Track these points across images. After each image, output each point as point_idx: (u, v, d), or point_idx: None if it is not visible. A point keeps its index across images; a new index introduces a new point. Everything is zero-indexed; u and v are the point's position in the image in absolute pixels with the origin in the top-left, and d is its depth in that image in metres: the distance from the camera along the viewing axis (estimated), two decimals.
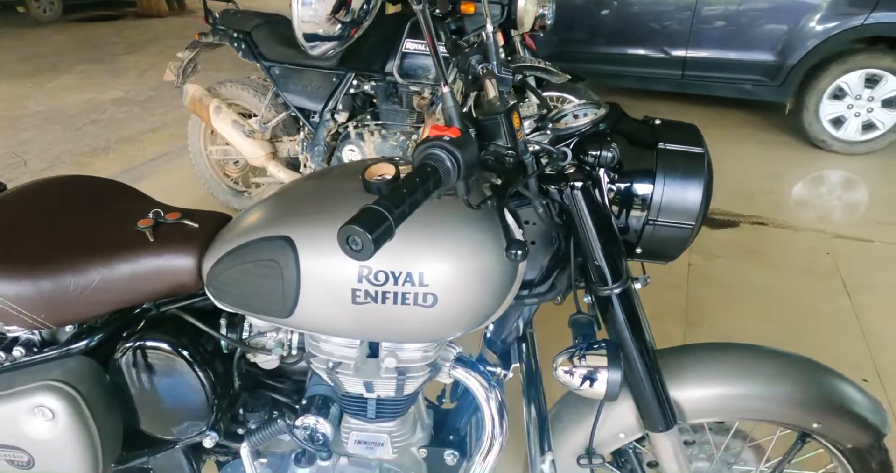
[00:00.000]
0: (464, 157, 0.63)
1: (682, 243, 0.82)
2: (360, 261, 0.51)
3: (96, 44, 7.41)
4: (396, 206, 0.55)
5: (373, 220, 0.53)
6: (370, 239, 0.51)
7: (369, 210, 0.54)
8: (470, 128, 0.71)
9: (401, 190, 0.57)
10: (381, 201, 0.55)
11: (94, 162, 3.89)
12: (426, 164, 0.62)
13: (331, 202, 0.83)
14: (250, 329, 1.00)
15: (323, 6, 0.59)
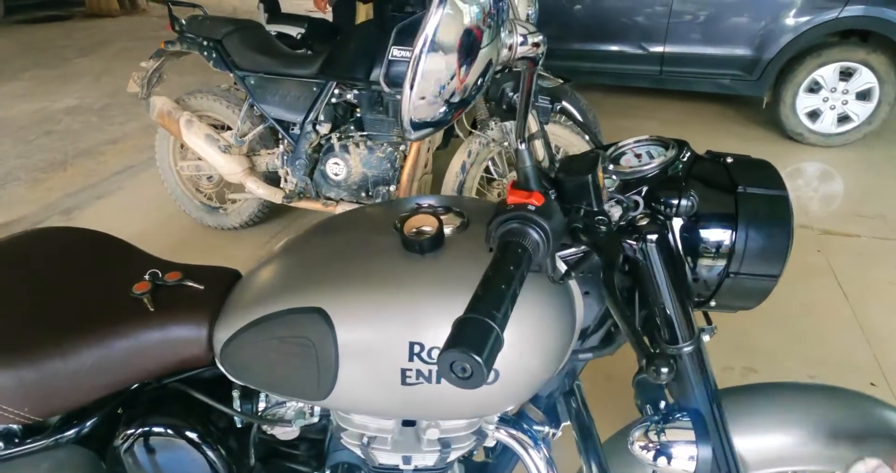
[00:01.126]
0: (552, 228, 0.53)
1: (764, 293, 0.74)
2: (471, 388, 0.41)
3: (44, 47, 7.00)
4: (497, 307, 0.44)
5: (479, 335, 0.42)
6: (480, 363, 0.41)
7: (469, 322, 0.43)
8: (550, 189, 0.60)
9: (497, 286, 0.46)
10: (479, 307, 0.44)
11: (52, 178, 3.64)
12: (511, 242, 0.51)
13: (366, 262, 0.72)
14: (267, 399, 0.88)
15: (424, 88, 0.46)
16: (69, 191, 3.42)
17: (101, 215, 3.15)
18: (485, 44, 0.48)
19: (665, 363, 0.51)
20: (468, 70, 0.48)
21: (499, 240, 0.53)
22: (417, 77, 0.44)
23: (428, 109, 0.47)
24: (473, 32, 0.47)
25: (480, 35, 0.48)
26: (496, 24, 0.49)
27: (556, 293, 0.75)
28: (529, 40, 0.56)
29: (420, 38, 0.44)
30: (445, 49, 0.45)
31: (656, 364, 0.51)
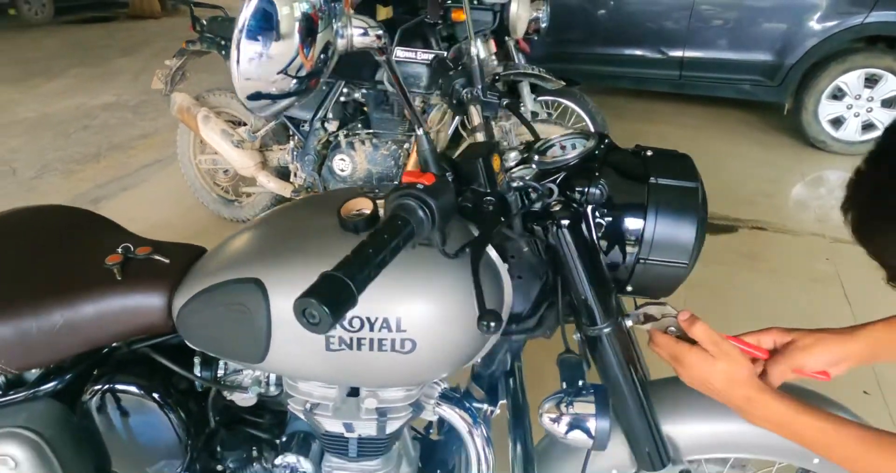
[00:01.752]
0: (438, 205, 0.59)
1: (677, 280, 0.78)
2: (320, 333, 0.47)
3: (88, 47, 7.34)
4: (360, 270, 0.51)
5: (332, 290, 0.48)
6: (328, 313, 0.47)
7: (328, 278, 0.49)
8: (447, 172, 0.66)
9: (366, 250, 0.52)
10: (342, 266, 0.50)
11: (85, 170, 3.84)
12: (397, 216, 0.57)
13: (304, 242, 0.79)
14: (226, 367, 0.96)
15: (265, 68, 0.54)
16: (99, 182, 3.61)
17: (126, 205, 3.32)
18: (321, 29, 0.55)
19: (493, 318, 0.56)
20: (310, 50, 0.55)
21: (389, 214, 0.59)
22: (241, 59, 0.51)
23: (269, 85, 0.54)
24: (311, 19, 0.54)
25: (316, 22, 0.54)
26: (327, 16, 0.56)
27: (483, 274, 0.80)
28: (371, 33, 0.62)
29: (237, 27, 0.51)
30: (284, 35, 0.52)
31: (486, 320, 0.56)
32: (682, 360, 0.77)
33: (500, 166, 0.69)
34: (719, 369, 0.75)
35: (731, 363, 0.75)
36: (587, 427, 0.78)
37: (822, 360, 0.83)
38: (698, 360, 0.76)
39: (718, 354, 0.75)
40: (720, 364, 0.75)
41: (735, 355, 0.76)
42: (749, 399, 0.75)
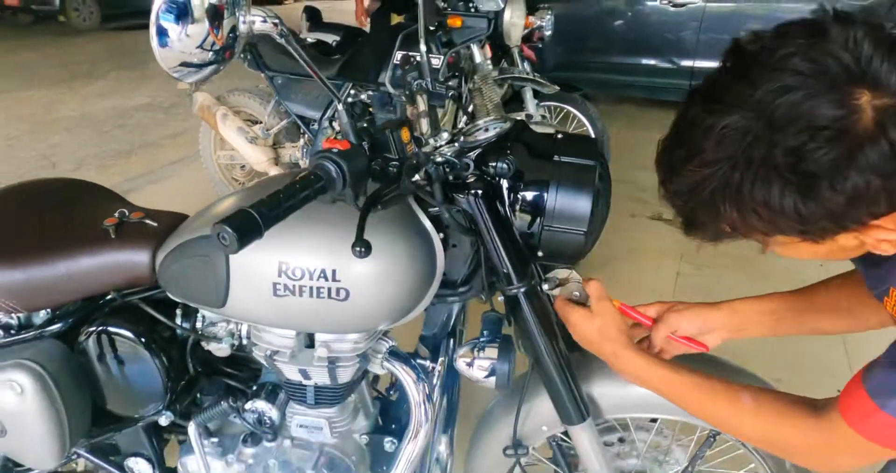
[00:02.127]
0: (350, 167, 0.72)
1: (578, 246, 0.89)
2: (229, 254, 0.60)
3: (129, 52, 7.74)
4: (270, 210, 0.64)
5: (243, 221, 0.62)
6: (236, 237, 0.60)
7: (243, 212, 0.63)
8: (364, 141, 0.79)
9: (277, 196, 0.66)
10: (256, 205, 0.64)
11: (117, 164, 4.10)
12: (312, 173, 0.71)
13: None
14: (203, 320, 1.10)
15: (187, 44, 0.70)
16: (129, 176, 3.85)
17: (153, 197, 3.54)
18: (227, 16, 0.71)
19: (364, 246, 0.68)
20: (219, 31, 0.70)
21: (307, 170, 0.72)
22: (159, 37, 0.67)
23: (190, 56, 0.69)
24: (217, 8, 0.69)
25: (222, 10, 0.69)
26: (231, 6, 0.71)
27: (414, 239, 0.93)
28: (269, 21, 0.77)
29: (153, 12, 0.67)
30: (197, 19, 0.68)
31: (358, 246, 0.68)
32: (569, 320, 0.89)
33: (410, 138, 0.82)
34: (595, 325, 0.87)
35: (604, 320, 0.87)
36: (492, 368, 0.90)
37: (694, 325, 0.94)
38: (580, 318, 0.88)
39: (597, 311, 0.87)
40: (596, 321, 0.87)
41: (610, 314, 0.88)
42: (615, 354, 0.87)
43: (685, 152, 0.62)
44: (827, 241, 0.62)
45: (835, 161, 0.54)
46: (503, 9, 2.26)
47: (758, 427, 0.77)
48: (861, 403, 0.66)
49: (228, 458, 1.14)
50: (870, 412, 0.65)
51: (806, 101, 0.54)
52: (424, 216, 0.96)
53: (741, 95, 0.58)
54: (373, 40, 2.55)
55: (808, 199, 0.56)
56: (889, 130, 0.53)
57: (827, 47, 0.55)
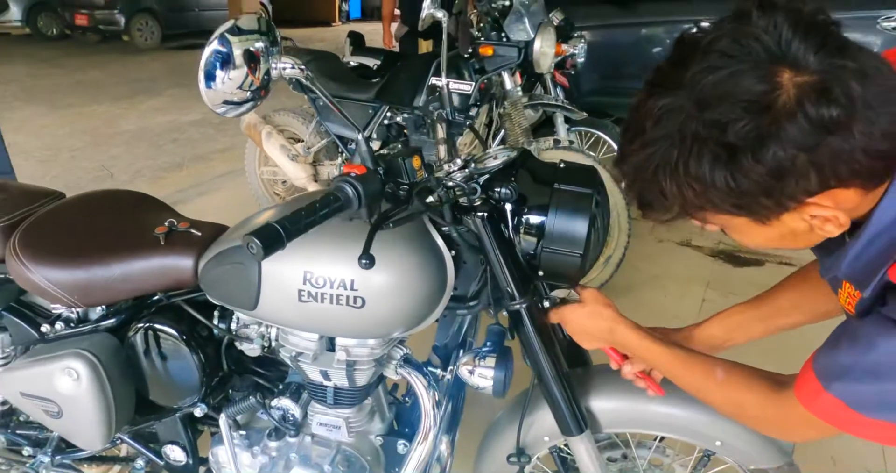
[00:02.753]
0: (366, 189, 0.82)
1: (574, 267, 0.96)
2: (257, 261, 0.70)
3: (186, 70, 8.18)
4: (293, 225, 0.75)
5: (269, 234, 0.72)
6: (261, 247, 0.71)
7: (269, 226, 0.73)
8: (379, 166, 0.89)
9: (300, 213, 0.77)
10: (280, 220, 0.75)
11: (169, 176, 4.35)
12: (331, 193, 0.81)
13: None
14: (238, 322, 1.22)
15: (229, 85, 0.82)
16: (180, 188, 4.09)
17: (201, 208, 3.75)
18: (262, 63, 0.82)
19: (368, 259, 0.77)
20: (256, 74, 0.82)
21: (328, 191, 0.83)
22: (207, 81, 0.79)
23: (231, 95, 0.81)
24: (255, 55, 0.81)
25: (259, 58, 0.81)
26: (266, 54, 0.83)
27: (427, 255, 1.02)
28: (296, 67, 0.89)
29: (202, 60, 0.79)
30: (238, 65, 0.80)
31: (364, 259, 0.77)
32: (564, 318, 0.98)
33: (421, 165, 0.91)
34: (585, 310, 0.97)
35: (594, 304, 0.97)
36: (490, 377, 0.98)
37: None
38: (572, 311, 0.97)
39: (585, 299, 0.97)
40: (586, 307, 0.97)
41: (598, 299, 0.98)
42: (611, 329, 0.97)
43: (631, 134, 0.67)
44: (773, 222, 0.65)
45: (757, 134, 0.57)
46: (533, 39, 2.36)
47: (725, 397, 0.86)
48: (810, 383, 0.72)
49: (254, 450, 1.24)
50: (817, 392, 0.71)
51: (730, 78, 0.58)
52: (437, 235, 1.05)
53: (676, 78, 0.62)
54: (409, 66, 2.68)
55: (735, 171, 0.59)
56: (807, 106, 0.56)
57: (750, 30, 0.59)
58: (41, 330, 1.24)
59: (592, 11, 4.44)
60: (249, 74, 0.83)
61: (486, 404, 1.23)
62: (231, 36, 0.82)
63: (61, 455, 1.35)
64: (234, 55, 0.81)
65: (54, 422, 1.20)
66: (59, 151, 4.81)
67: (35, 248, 1.15)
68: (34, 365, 1.16)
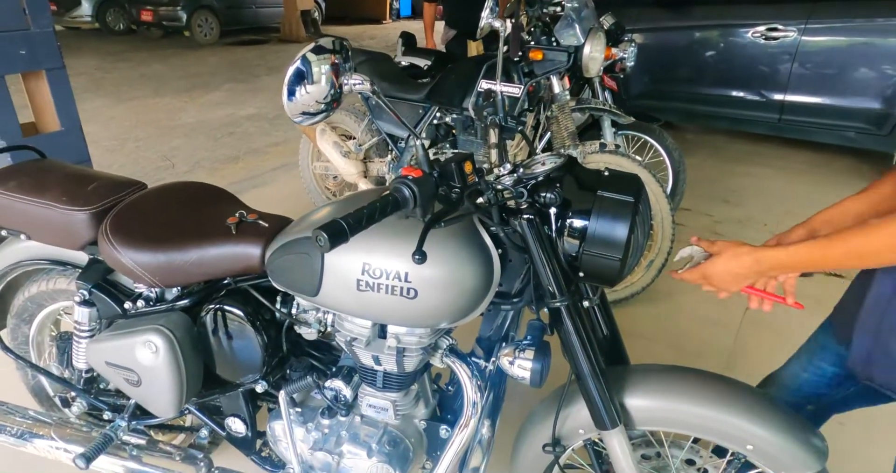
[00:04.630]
0: (421, 191, 0.91)
1: (614, 270, 1.02)
2: (323, 253, 0.79)
3: (243, 66, 8.48)
4: (356, 221, 0.83)
5: (335, 229, 0.81)
6: (328, 240, 0.80)
7: (335, 222, 0.82)
8: (434, 170, 0.97)
9: (362, 211, 0.85)
10: (345, 217, 0.84)
11: (226, 168, 4.56)
12: (390, 194, 0.90)
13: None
14: (298, 307, 1.32)
15: (306, 99, 0.92)
16: (235, 180, 4.28)
17: (255, 199, 3.93)
18: (336, 79, 0.92)
19: (421, 255, 0.84)
20: (331, 89, 0.91)
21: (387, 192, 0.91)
22: (289, 94, 0.88)
23: (309, 107, 0.90)
24: (330, 73, 0.90)
25: (335, 75, 0.90)
26: (340, 72, 0.93)
27: (476, 253, 1.10)
28: (365, 83, 0.97)
29: (287, 76, 0.88)
30: (316, 81, 0.90)
31: (417, 254, 0.85)
32: (705, 274, 1.04)
33: (472, 170, 0.99)
34: (726, 256, 1.01)
35: (729, 248, 1.01)
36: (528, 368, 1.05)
37: None
38: (710, 265, 1.02)
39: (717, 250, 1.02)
40: (725, 253, 1.01)
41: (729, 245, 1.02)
42: (757, 260, 0.99)
43: None
44: None
45: None
46: (583, 44, 2.40)
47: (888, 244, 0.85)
48: None
49: (308, 426, 1.35)
50: None
51: None
52: (486, 234, 1.13)
53: None
54: (460, 67, 2.76)
55: None
56: None
57: None
58: (124, 307, 1.38)
59: (644, 14, 4.42)
60: (325, 88, 0.93)
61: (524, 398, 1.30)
62: (311, 55, 0.92)
63: (136, 421, 1.49)
64: (313, 72, 0.91)
65: (133, 390, 1.33)
66: (125, 141, 5.10)
67: (124, 233, 1.28)
68: (119, 338, 1.29)
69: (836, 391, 1.21)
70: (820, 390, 1.23)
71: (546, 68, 2.42)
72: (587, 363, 1.10)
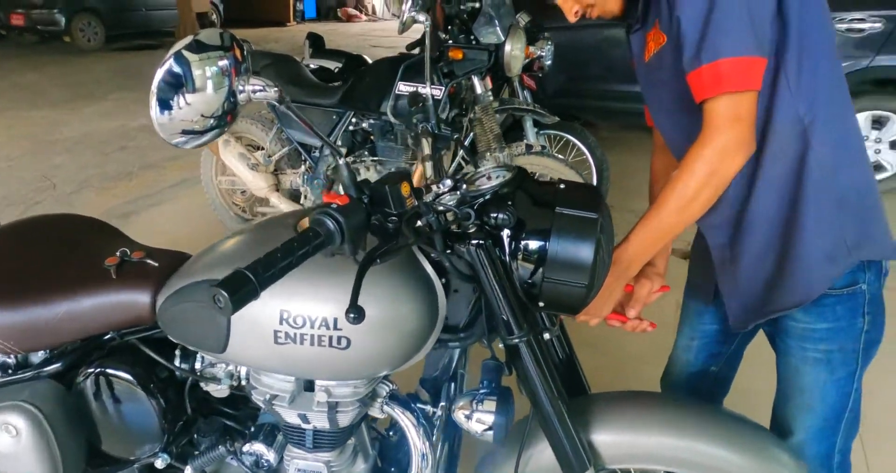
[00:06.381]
0: (349, 223, 0.72)
1: (579, 299, 0.88)
2: (224, 316, 0.60)
3: (133, 73, 7.82)
4: (266, 270, 0.64)
5: (239, 283, 0.61)
6: (229, 301, 0.60)
7: (237, 274, 0.62)
8: (364, 195, 0.79)
9: (275, 255, 0.66)
10: (252, 266, 0.64)
11: (118, 186, 4.11)
12: (310, 229, 0.71)
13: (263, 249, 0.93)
14: (203, 360, 1.09)
15: (187, 112, 0.71)
16: (129, 199, 3.86)
17: (153, 220, 3.54)
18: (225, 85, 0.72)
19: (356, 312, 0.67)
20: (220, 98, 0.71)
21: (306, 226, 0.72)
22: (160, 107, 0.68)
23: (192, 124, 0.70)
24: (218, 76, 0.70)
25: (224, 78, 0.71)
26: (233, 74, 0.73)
27: (417, 286, 0.93)
28: (268, 89, 0.76)
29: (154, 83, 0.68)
30: (199, 86, 0.69)
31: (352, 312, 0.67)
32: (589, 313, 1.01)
33: (410, 192, 0.81)
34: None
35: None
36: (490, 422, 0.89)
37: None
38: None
39: None
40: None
41: None
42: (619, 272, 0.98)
43: None
44: None
45: None
46: (504, 41, 2.29)
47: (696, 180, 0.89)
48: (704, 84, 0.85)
49: None
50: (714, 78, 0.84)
51: None
52: (426, 262, 0.96)
53: None
54: (374, 69, 2.58)
55: None
56: None
57: None
58: None
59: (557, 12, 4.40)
60: (214, 98, 0.71)
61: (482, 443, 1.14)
62: (189, 53, 0.70)
63: None
64: (194, 76, 0.70)
65: None
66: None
67: None
68: None
69: (727, 344, 1.27)
70: (713, 348, 1.28)
71: (467, 68, 2.29)
72: (551, 402, 0.96)
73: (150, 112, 0.71)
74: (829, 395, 1.06)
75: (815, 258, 0.97)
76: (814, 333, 1.02)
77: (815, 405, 1.08)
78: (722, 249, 1.08)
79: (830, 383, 1.05)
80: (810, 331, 1.02)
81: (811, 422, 1.10)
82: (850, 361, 1.03)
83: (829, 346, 1.02)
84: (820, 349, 1.03)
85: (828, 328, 1.01)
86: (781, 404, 1.15)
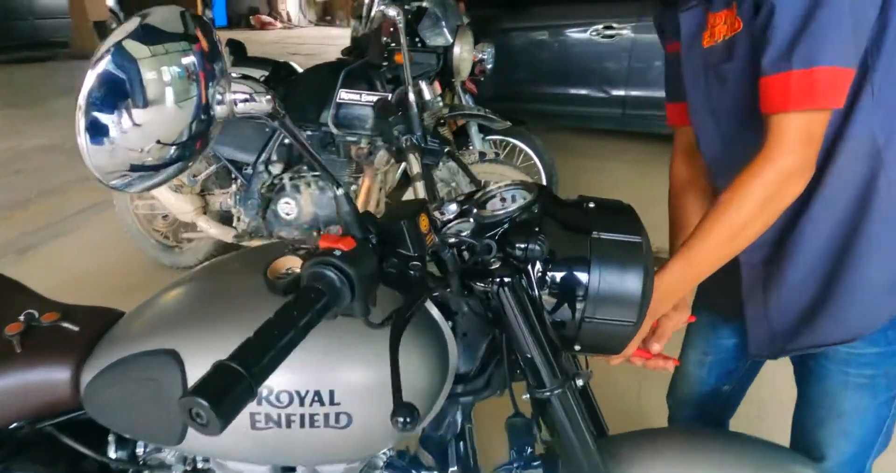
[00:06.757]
0: (358, 273, 0.54)
1: (624, 339, 0.74)
2: (212, 434, 0.40)
3: (22, 88, 7.08)
4: (261, 356, 0.44)
5: (224, 384, 0.42)
6: (213, 414, 0.40)
7: (221, 369, 0.42)
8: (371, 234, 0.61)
9: (271, 332, 0.46)
10: (242, 353, 0.44)
11: (13, 216, 3.62)
12: (310, 287, 0.52)
13: (227, 306, 0.72)
14: (145, 445, 0.86)
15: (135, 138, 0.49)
16: (28, 230, 3.40)
17: (57, 253, 3.13)
18: (195, 94, 0.50)
19: (408, 413, 0.50)
20: (187, 114, 0.50)
21: (303, 284, 0.53)
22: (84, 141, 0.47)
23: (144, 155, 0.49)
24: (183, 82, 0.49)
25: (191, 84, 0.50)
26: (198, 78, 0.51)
27: (424, 335, 0.76)
28: (259, 98, 0.56)
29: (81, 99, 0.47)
30: (153, 101, 0.48)
31: (400, 415, 0.50)
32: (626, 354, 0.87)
33: (429, 227, 0.64)
34: None
35: None
36: None
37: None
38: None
39: None
40: None
41: None
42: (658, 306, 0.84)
43: None
44: None
45: None
46: (453, 44, 2.14)
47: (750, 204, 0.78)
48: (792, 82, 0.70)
49: None
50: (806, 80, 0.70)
51: None
52: (432, 304, 0.78)
53: None
54: (311, 76, 2.36)
55: None
56: None
57: None
58: None
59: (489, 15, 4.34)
60: (174, 116, 0.49)
61: None
62: (136, 46, 0.48)
63: None
64: (144, 82, 0.48)
65: None
66: None
67: None
68: None
69: (743, 360, 1.15)
70: (729, 365, 1.16)
71: (414, 73, 2.12)
72: (587, 458, 0.81)
73: (77, 140, 0.49)
74: (868, 420, 0.98)
75: (874, 290, 0.86)
76: (860, 358, 0.92)
77: (853, 430, 0.99)
78: (754, 269, 0.96)
79: (872, 408, 0.96)
80: (857, 356, 0.92)
81: (847, 447, 1.01)
82: (893, 385, 0.95)
83: (874, 371, 0.93)
84: (865, 374, 0.93)
85: (878, 353, 0.91)
86: (812, 427, 1.05)
